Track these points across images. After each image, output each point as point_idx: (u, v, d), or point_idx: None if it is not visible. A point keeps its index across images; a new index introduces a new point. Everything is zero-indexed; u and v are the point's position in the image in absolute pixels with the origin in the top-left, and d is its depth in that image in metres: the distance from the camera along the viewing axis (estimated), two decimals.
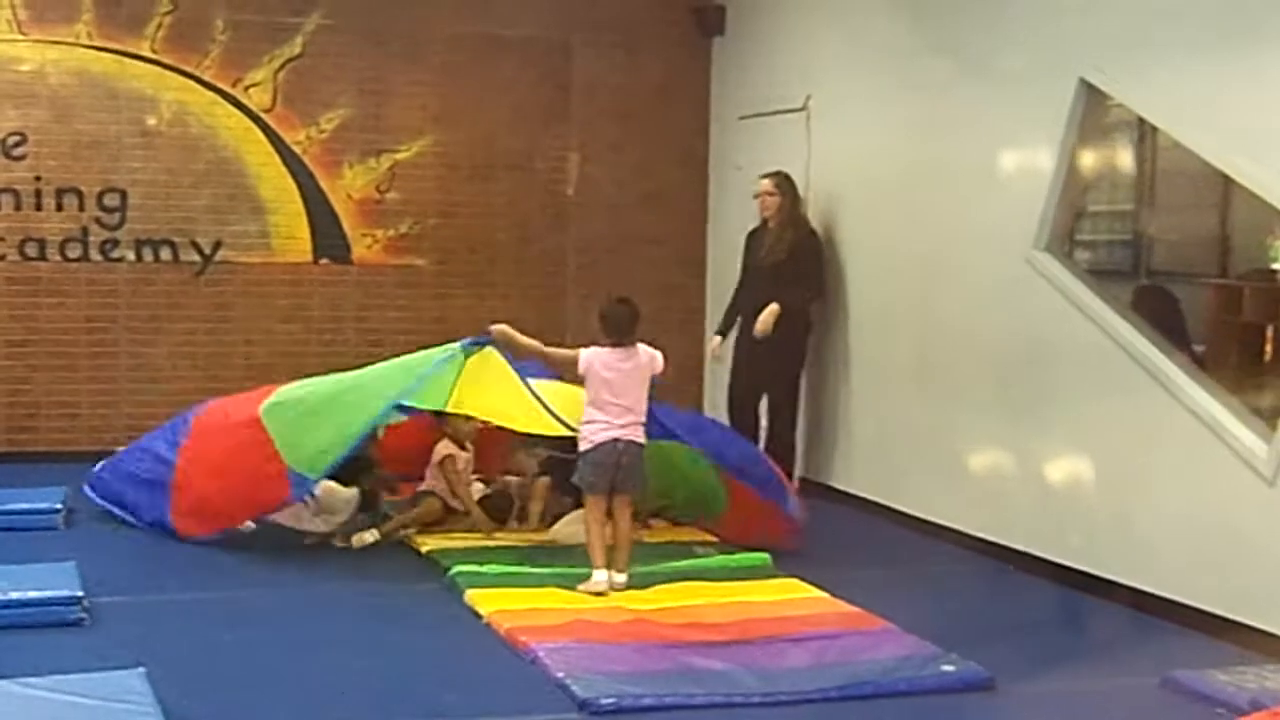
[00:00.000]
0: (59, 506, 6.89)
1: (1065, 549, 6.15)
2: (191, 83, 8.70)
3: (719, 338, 8.23)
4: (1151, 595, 5.68)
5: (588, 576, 5.78)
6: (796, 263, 7.79)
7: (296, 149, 8.89)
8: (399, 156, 9.06)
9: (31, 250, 8.55)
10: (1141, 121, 6.43)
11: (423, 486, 6.93)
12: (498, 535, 6.69)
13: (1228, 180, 6.01)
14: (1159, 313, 6.30)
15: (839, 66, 8.12)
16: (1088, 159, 6.44)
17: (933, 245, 7.18)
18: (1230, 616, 5.31)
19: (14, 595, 5.23)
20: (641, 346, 5.92)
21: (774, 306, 7.66)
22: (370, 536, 6.59)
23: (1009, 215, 6.52)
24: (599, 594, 5.68)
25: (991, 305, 6.71)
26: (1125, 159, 7.20)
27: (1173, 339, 5.97)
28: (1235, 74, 5.35)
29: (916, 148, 7.34)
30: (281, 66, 8.84)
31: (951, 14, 7.08)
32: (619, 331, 5.89)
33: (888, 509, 7.46)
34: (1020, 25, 6.53)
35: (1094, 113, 6.20)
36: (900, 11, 7.58)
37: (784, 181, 7.92)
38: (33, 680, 4.29)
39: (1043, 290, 6.30)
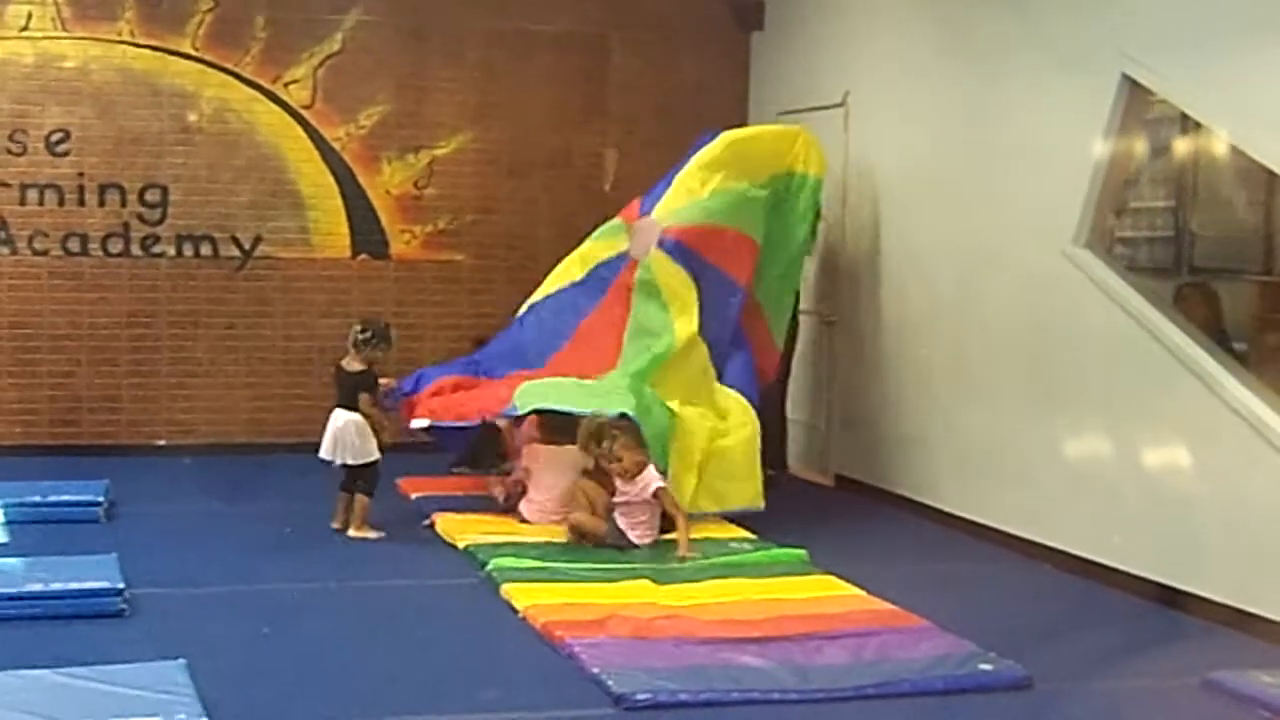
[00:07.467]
0: (101, 499, 6.97)
1: (1105, 548, 6.10)
2: (232, 79, 8.77)
3: None
4: (1192, 595, 5.62)
5: (623, 572, 5.78)
6: None
7: (336, 145, 8.94)
8: (437, 152, 9.09)
9: (74, 245, 8.65)
10: (1184, 116, 6.36)
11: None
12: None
13: (1272, 176, 5.95)
14: (1199, 310, 6.23)
15: (878, 62, 8.08)
16: (1128, 155, 6.38)
17: (971, 241, 7.13)
18: (1273, 617, 5.25)
19: (56, 586, 5.30)
20: None
21: None
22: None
23: (1048, 212, 6.46)
24: None
25: (1030, 302, 6.65)
26: (1167, 155, 7.12)
27: (1214, 337, 5.90)
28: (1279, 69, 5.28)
29: (955, 144, 7.29)
30: (321, 63, 8.89)
31: (990, 9, 7.03)
32: None
33: (924, 506, 7.42)
34: (1060, 20, 6.47)
35: (1135, 108, 6.14)
36: (938, 7, 7.53)
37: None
38: (75, 670, 4.36)
39: (1082, 287, 6.25)
